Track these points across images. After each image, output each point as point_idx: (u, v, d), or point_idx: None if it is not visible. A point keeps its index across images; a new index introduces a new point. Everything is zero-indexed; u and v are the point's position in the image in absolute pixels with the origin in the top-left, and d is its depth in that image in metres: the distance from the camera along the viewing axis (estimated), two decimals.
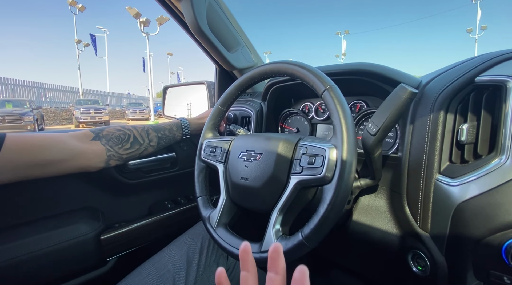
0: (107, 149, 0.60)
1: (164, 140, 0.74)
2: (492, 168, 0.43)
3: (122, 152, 0.63)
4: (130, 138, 0.65)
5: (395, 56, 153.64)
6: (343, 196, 0.41)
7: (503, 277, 0.42)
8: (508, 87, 0.43)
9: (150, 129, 0.70)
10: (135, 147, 0.66)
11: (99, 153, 0.59)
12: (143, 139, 0.68)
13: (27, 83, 16.36)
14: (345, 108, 0.45)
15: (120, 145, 0.63)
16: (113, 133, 0.63)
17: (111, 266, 0.75)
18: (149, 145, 0.69)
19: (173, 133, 0.76)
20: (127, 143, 0.64)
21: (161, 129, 0.74)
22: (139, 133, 0.68)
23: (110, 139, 0.62)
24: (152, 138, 0.70)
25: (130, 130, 0.66)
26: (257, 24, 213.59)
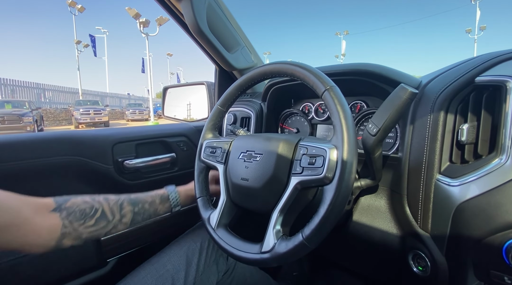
0: (64, 225, 0.48)
1: (142, 215, 0.61)
2: (493, 168, 0.43)
3: (83, 230, 0.51)
4: (97, 213, 0.53)
5: (395, 56, 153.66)
6: (344, 196, 0.41)
7: (503, 277, 0.42)
8: (508, 87, 0.43)
9: (125, 202, 0.58)
10: (101, 225, 0.53)
11: (52, 229, 0.47)
12: (113, 214, 0.56)
13: (26, 84, 16.35)
14: (345, 109, 0.45)
15: (82, 221, 0.51)
16: (77, 206, 0.52)
17: (111, 266, 0.75)
18: (120, 222, 0.57)
19: (154, 207, 0.63)
20: (92, 219, 0.52)
21: (140, 202, 0.61)
22: (110, 207, 0.56)
23: (72, 213, 0.50)
24: (125, 214, 0.57)
25: (100, 203, 0.55)
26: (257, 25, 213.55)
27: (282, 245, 0.44)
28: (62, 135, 0.71)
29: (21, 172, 0.63)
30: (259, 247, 0.47)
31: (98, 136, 0.77)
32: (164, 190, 0.66)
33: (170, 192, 0.66)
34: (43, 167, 0.66)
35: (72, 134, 0.73)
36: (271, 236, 0.46)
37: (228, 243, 0.52)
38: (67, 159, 0.69)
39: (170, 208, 0.66)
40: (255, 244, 0.49)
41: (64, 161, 0.69)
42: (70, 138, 0.71)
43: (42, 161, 0.66)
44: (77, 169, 0.72)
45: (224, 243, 0.53)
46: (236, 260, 0.54)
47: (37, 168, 0.65)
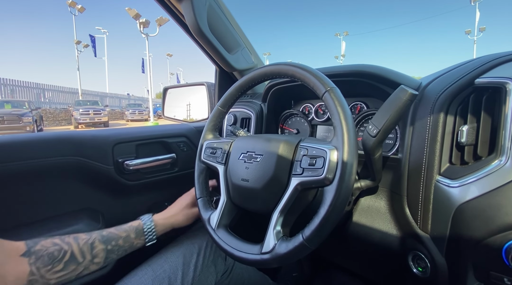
0: (31, 272, 0.45)
1: (117, 252, 0.57)
2: (492, 170, 0.43)
3: (50, 276, 0.47)
4: (66, 255, 0.49)
5: (395, 57, 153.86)
6: (344, 197, 0.41)
7: (503, 278, 0.43)
8: (507, 89, 0.43)
9: (97, 241, 0.54)
10: (70, 268, 0.50)
11: (19, 276, 0.44)
12: (83, 256, 0.52)
13: (26, 84, 16.35)
14: (345, 110, 0.45)
15: (49, 266, 0.47)
16: (46, 249, 0.48)
17: (111, 267, 0.75)
18: (92, 262, 0.53)
19: (129, 241, 0.60)
20: (60, 263, 0.48)
21: (113, 239, 0.57)
22: (80, 248, 0.52)
23: (40, 257, 0.46)
24: (97, 254, 0.54)
25: (69, 244, 0.51)
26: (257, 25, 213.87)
27: (282, 246, 0.44)
28: (62, 136, 0.71)
29: (21, 173, 0.63)
30: (259, 248, 0.47)
31: (98, 137, 0.77)
32: (140, 221, 0.64)
33: (145, 223, 0.63)
34: (43, 168, 0.66)
35: (72, 134, 0.73)
36: (271, 237, 0.46)
37: (228, 244, 0.52)
38: (67, 160, 0.69)
39: (144, 241, 0.62)
40: (255, 245, 0.49)
41: (65, 162, 0.69)
42: (71, 138, 0.71)
43: (42, 161, 0.65)
44: (78, 169, 0.72)
45: (224, 243, 0.53)
46: (236, 261, 0.54)
47: (37, 169, 0.65)
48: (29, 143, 0.65)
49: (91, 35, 21.58)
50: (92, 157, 0.74)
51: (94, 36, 21.91)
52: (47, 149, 0.67)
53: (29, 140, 0.66)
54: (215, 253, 0.69)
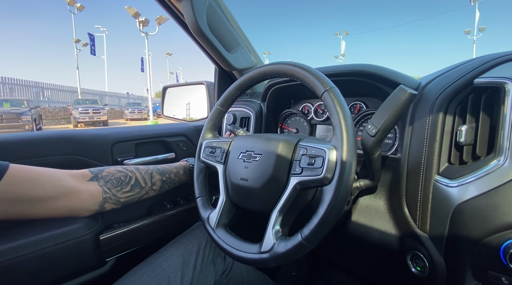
0: (104, 191, 0.55)
1: (169, 184, 0.69)
2: (491, 170, 0.43)
3: (120, 195, 0.58)
4: (131, 180, 0.60)
5: (394, 57, 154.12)
6: (343, 197, 0.41)
7: (501, 278, 0.43)
8: (506, 89, 0.44)
9: (154, 172, 0.65)
10: (136, 191, 0.61)
11: (94, 195, 0.54)
12: (145, 182, 0.63)
13: (25, 83, 16.30)
14: (345, 109, 0.45)
15: (119, 187, 0.58)
16: (113, 174, 0.58)
17: (110, 266, 0.75)
18: (151, 189, 0.64)
19: (179, 176, 0.71)
20: (127, 186, 0.59)
21: (167, 172, 0.68)
22: (142, 175, 0.62)
23: (109, 181, 0.57)
24: (155, 182, 0.65)
25: (133, 172, 0.61)
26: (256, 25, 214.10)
27: (281, 245, 0.45)
28: (61, 135, 0.71)
29: None
30: (258, 247, 0.47)
31: (97, 136, 0.77)
32: (186, 162, 0.76)
33: (191, 163, 0.76)
34: (43, 167, 0.66)
35: (71, 133, 0.73)
36: (270, 236, 0.46)
37: (227, 243, 0.52)
38: (66, 159, 0.69)
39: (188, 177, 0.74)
40: (254, 244, 0.49)
41: (63, 161, 0.69)
42: (70, 137, 0.71)
43: (41, 160, 0.65)
44: (77, 168, 0.71)
45: (223, 243, 0.53)
46: (235, 260, 0.55)
47: None
48: (28, 142, 0.65)
49: (90, 34, 21.51)
50: (91, 156, 0.74)
51: (93, 34, 21.84)
52: (46, 148, 0.67)
53: (28, 139, 0.65)
54: (214, 252, 0.69)
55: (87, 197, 0.53)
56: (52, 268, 0.63)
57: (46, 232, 0.62)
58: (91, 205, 0.54)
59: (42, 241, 0.60)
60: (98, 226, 0.69)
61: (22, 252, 0.57)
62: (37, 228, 0.63)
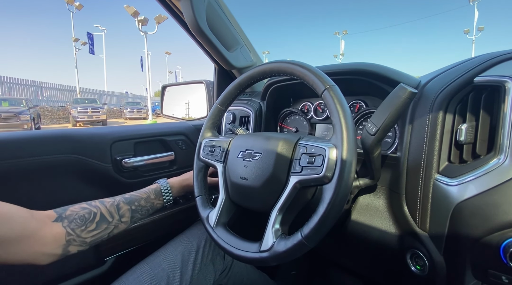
0: (68, 233, 0.51)
1: (140, 212, 0.63)
2: (491, 168, 0.43)
3: (86, 235, 0.53)
4: (96, 216, 0.55)
5: (394, 56, 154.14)
6: (343, 195, 0.41)
7: (501, 277, 0.43)
8: (506, 87, 0.43)
9: (121, 203, 0.60)
10: (102, 227, 0.56)
11: (57, 237, 0.49)
12: (112, 216, 0.58)
13: (23, 82, 16.24)
14: (345, 108, 0.45)
15: (83, 227, 0.53)
16: (77, 213, 0.54)
17: (109, 265, 0.75)
18: (120, 221, 0.59)
19: (150, 202, 0.65)
20: (92, 223, 0.54)
21: (135, 200, 0.63)
22: (107, 209, 0.58)
23: (73, 220, 0.52)
24: (123, 213, 0.60)
25: (97, 207, 0.57)
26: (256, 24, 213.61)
27: (281, 244, 0.44)
28: (60, 133, 0.71)
29: (19, 171, 0.63)
30: (258, 246, 0.47)
31: (96, 135, 0.77)
32: (157, 184, 0.69)
33: (162, 185, 0.69)
34: (41, 166, 0.65)
35: (70, 132, 0.73)
36: (270, 235, 0.46)
37: (226, 242, 0.52)
38: (65, 158, 0.69)
39: (163, 201, 0.67)
40: (254, 243, 0.49)
41: (62, 160, 0.69)
42: (68, 136, 0.71)
43: (39, 159, 0.65)
44: (75, 167, 0.71)
45: (222, 241, 0.53)
46: (235, 259, 0.54)
47: (35, 167, 0.65)
48: (26, 141, 0.65)
49: (89, 33, 21.44)
50: (90, 155, 0.74)
51: (92, 33, 21.77)
52: (45, 147, 0.67)
53: (26, 138, 0.65)
54: (214, 251, 0.69)
55: (50, 241, 0.48)
56: (50, 268, 0.63)
57: None
58: (53, 249, 0.49)
59: None
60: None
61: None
62: None
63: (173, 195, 0.69)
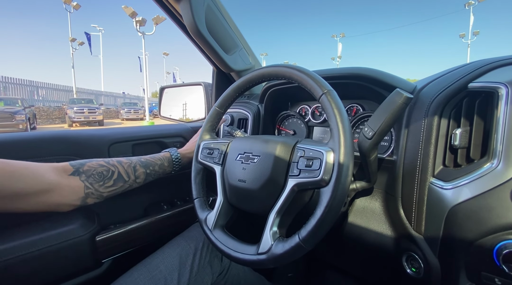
0: (86, 186, 0.54)
1: (153, 176, 0.68)
2: (484, 172, 0.44)
3: (103, 190, 0.57)
4: (114, 175, 0.59)
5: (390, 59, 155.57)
6: (340, 198, 0.42)
7: (494, 279, 0.43)
8: (499, 93, 0.45)
9: (138, 165, 0.64)
10: (119, 185, 0.60)
11: (76, 190, 0.53)
12: (128, 176, 0.61)
13: (19, 81, 16.11)
14: (342, 112, 0.45)
15: (101, 183, 0.57)
16: (95, 169, 0.57)
17: (106, 267, 0.75)
18: (135, 182, 0.63)
19: (163, 168, 0.71)
20: (110, 180, 0.58)
21: (151, 165, 0.67)
22: (125, 169, 0.61)
23: (91, 175, 0.55)
24: (139, 175, 0.64)
25: (115, 166, 0.60)
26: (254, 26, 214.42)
27: (278, 246, 0.45)
28: (57, 135, 0.70)
29: None
30: (256, 248, 0.48)
31: (94, 136, 0.76)
32: (168, 152, 0.74)
33: (173, 154, 0.74)
34: None
35: (67, 133, 0.73)
36: (268, 237, 0.47)
37: (224, 244, 0.52)
38: (62, 159, 0.69)
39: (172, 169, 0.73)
40: (251, 245, 0.49)
41: (59, 161, 0.68)
42: (66, 137, 0.71)
43: (36, 161, 0.65)
44: None
45: (220, 244, 0.53)
46: (233, 261, 0.55)
47: None
48: (23, 142, 0.64)
49: (86, 33, 21.34)
50: (88, 156, 0.73)
51: (89, 33, 21.67)
52: (41, 148, 0.66)
53: (23, 139, 0.65)
54: (211, 253, 0.69)
55: (69, 193, 0.52)
56: (47, 270, 0.62)
57: (41, 233, 0.62)
58: (73, 201, 0.53)
59: (38, 243, 0.60)
60: (94, 227, 0.69)
61: (17, 253, 0.57)
62: (32, 229, 0.62)
63: (183, 164, 0.75)
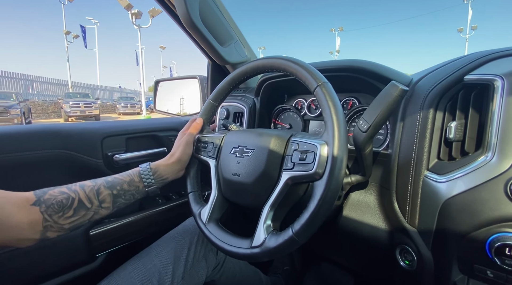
0: (45, 219, 0.48)
1: (124, 196, 0.58)
2: (479, 165, 0.44)
3: (63, 221, 0.50)
4: (74, 202, 0.52)
5: (388, 53, 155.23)
6: (333, 192, 0.42)
7: (486, 271, 0.44)
8: (495, 86, 0.44)
9: (102, 187, 0.56)
10: (80, 213, 0.52)
11: (34, 223, 0.47)
12: (90, 202, 0.54)
13: (13, 75, 15.86)
14: (336, 105, 0.45)
15: (60, 213, 0.50)
16: (55, 197, 0.51)
17: (100, 262, 0.75)
18: (100, 207, 0.55)
19: (134, 185, 0.59)
20: (70, 209, 0.51)
21: (118, 184, 0.57)
22: (86, 194, 0.54)
23: (50, 205, 0.50)
24: (104, 199, 0.55)
25: (76, 192, 0.53)
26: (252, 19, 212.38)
27: (272, 240, 0.45)
28: (50, 128, 0.69)
29: (7, 166, 0.61)
30: (250, 242, 0.47)
31: (87, 130, 0.75)
32: (138, 167, 0.61)
33: (142, 169, 0.60)
34: (30, 161, 0.64)
35: (60, 127, 0.71)
36: (261, 231, 0.46)
37: (218, 238, 0.52)
38: (54, 153, 0.68)
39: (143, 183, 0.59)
40: (245, 239, 0.49)
41: (52, 155, 0.67)
42: (58, 131, 0.70)
43: (28, 154, 0.64)
44: (65, 163, 0.70)
45: (214, 238, 0.53)
46: (227, 255, 0.55)
47: (23, 162, 0.63)
48: (15, 135, 0.63)
49: (81, 25, 20.99)
50: (81, 150, 0.72)
51: (84, 26, 21.31)
52: (35, 142, 0.65)
53: (15, 133, 0.64)
54: (206, 247, 0.69)
55: (27, 227, 0.46)
56: (41, 264, 0.62)
57: None
58: (31, 235, 0.47)
59: None
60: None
61: (10, 247, 0.56)
62: None
63: (156, 178, 0.61)
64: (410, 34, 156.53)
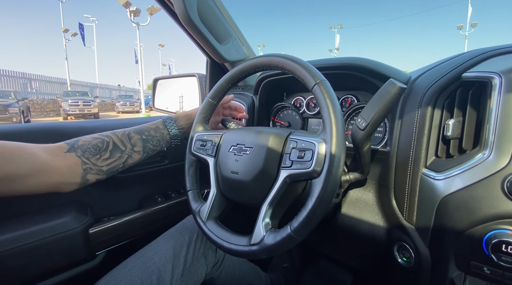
0: (83, 162, 0.52)
1: (151, 142, 0.63)
2: (476, 163, 0.44)
3: (101, 163, 0.54)
4: (109, 145, 0.56)
5: (388, 51, 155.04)
6: (331, 190, 0.42)
7: (483, 268, 0.44)
8: (493, 83, 0.44)
9: (132, 132, 0.61)
10: (116, 156, 0.56)
11: (73, 167, 0.50)
12: (124, 145, 0.58)
13: (11, 73, 15.80)
14: (334, 103, 0.45)
15: (98, 156, 0.54)
16: (89, 142, 0.54)
17: (100, 260, 0.75)
18: (133, 151, 0.59)
19: (160, 132, 0.65)
20: (106, 152, 0.55)
21: (145, 130, 0.63)
22: (119, 138, 0.58)
23: (87, 150, 0.53)
24: (135, 142, 0.60)
25: (109, 136, 0.57)
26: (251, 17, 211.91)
27: (270, 237, 0.45)
28: (48, 127, 0.69)
29: None
30: (248, 240, 0.48)
31: (85, 128, 0.75)
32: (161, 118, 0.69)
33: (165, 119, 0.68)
34: None
35: (57, 125, 0.71)
36: (260, 228, 0.47)
37: (217, 236, 0.52)
38: None
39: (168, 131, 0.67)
40: (244, 237, 0.49)
41: None
42: (56, 129, 0.70)
43: None
44: None
45: (213, 235, 0.53)
46: (226, 252, 0.55)
47: None
48: (13, 134, 0.63)
49: (80, 23, 20.87)
50: None
51: (83, 24, 21.20)
52: (32, 140, 0.65)
53: (13, 131, 0.64)
54: (206, 245, 0.69)
55: (66, 171, 0.49)
56: (40, 262, 0.62)
57: (34, 226, 0.61)
58: (72, 178, 0.51)
59: (31, 235, 0.59)
60: (87, 220, 0.68)
61: (10, 245, 0.56)
62: (25, 221, 0.62)
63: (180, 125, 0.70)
64: (410, 31, 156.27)
